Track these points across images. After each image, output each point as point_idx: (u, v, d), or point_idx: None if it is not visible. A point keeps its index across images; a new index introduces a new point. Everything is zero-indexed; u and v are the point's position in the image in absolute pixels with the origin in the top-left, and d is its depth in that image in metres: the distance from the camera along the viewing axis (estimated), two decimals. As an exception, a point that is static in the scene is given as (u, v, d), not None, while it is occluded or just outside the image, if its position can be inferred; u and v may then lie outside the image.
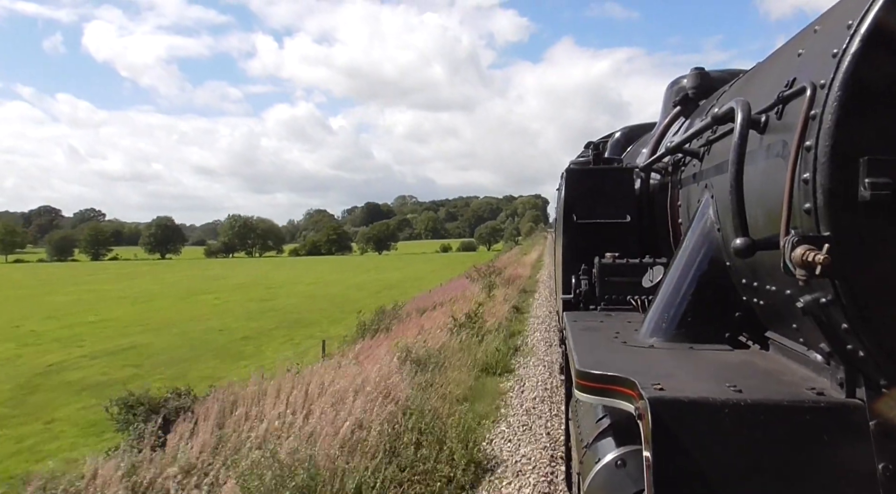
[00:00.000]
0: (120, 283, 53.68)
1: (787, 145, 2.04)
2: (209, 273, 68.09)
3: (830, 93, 1.82)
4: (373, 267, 72.66)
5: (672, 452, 1.92)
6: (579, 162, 5.54)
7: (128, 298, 39.48)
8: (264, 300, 36.67)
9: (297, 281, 51.19)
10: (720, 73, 4.67)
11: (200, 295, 40.87)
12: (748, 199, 2.18)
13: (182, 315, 30.25)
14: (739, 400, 1.95)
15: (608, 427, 2.79)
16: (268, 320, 27.49)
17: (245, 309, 32.30)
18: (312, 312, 30.00)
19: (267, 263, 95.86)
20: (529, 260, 46.94)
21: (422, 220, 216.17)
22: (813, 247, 1.76)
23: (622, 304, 3.99)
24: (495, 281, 25.52)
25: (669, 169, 4.17)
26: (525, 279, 31.22)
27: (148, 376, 16.05)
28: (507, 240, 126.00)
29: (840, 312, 1.88)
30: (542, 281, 30.73)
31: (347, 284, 46.82)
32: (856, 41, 1.79)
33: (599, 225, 4.60)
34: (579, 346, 2.91)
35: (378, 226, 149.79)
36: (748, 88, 2.92)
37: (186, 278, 59.70)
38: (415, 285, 38.87)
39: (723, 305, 2.84)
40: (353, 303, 28.49)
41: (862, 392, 1.95)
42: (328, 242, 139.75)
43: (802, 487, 1.89)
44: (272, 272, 66.85)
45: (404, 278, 50.46)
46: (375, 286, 43.13)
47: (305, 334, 22.95)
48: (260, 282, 51.12)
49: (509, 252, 69.90)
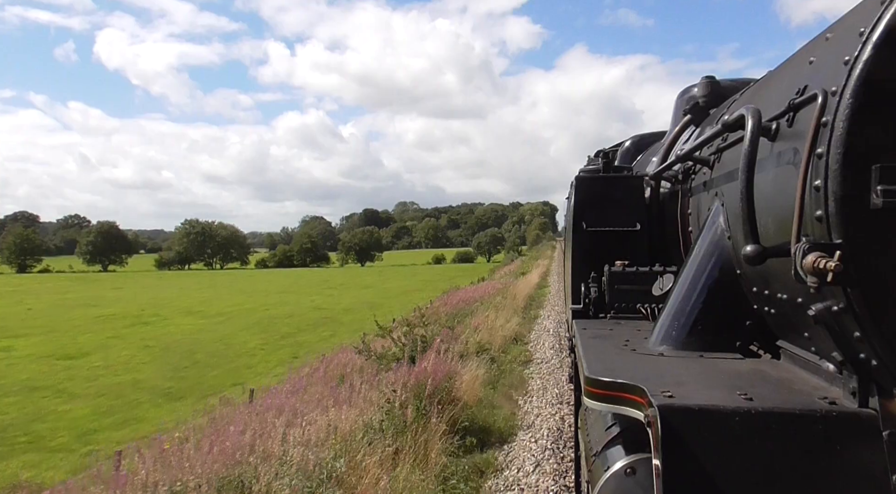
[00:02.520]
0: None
1: (798, 152, 2.04)
2: (92, 293, 52.14)
3: (842, 100, 1.82)
4: (337, 284, 59.92)
5: (682, 460, 1.90)
6: (589, 170, 5.54)
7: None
8: (74, 357, 23.29)
9: (196, 310, 38.44)
10: (731, 82, 4.66)
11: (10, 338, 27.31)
12: (758, 207, 2.17)
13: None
14: (750, 409, 1.93)
15: (618, 434, 2.77)
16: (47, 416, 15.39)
17: (34, 372, 20.43)
18: (154, 378, 19.15)
19: (207, 278, 78.76)
20: (529, 283, 31.87)
21: (421, 228, 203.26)
22: (825, 255, 1.75)
23: (632, 312, 3.98)
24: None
25: (680, 177, 4.17)
26: (508, 339, 15.43)
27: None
28: (509, 250, 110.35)
29: (852, 320, 1.86)
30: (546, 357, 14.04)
31: (265, 314, 34.94)
32: (868, 48, 1.79)
33: (609, 232, 4.59)
34: (589, 354, 2.90)
35: (360, 234, 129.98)
36: (759, 96, 2.92)
37: (51, 303, 44.04)
38: (358, 319, 27.60)
39: (733, 313, 2.83)
40: (217, 366, 20.48)
41: (875, 401, 1.93)
42: (302, 252, 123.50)
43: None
44: (183, 293, 52.00)
45: (356, 303, 38.37)
46: (298, 320, 31.88)
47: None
48: (145, 311, 37.69)
49: (509, 265, 57.52)
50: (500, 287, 28.77)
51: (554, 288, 31.41)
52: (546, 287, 33.96)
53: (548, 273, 43.85)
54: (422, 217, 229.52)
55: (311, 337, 26.38)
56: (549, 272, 44.44)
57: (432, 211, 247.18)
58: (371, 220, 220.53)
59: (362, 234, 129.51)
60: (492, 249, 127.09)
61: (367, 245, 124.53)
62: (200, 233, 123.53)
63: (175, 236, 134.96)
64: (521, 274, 40.17)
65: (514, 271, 44.85)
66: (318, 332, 27.98)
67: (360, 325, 21.71)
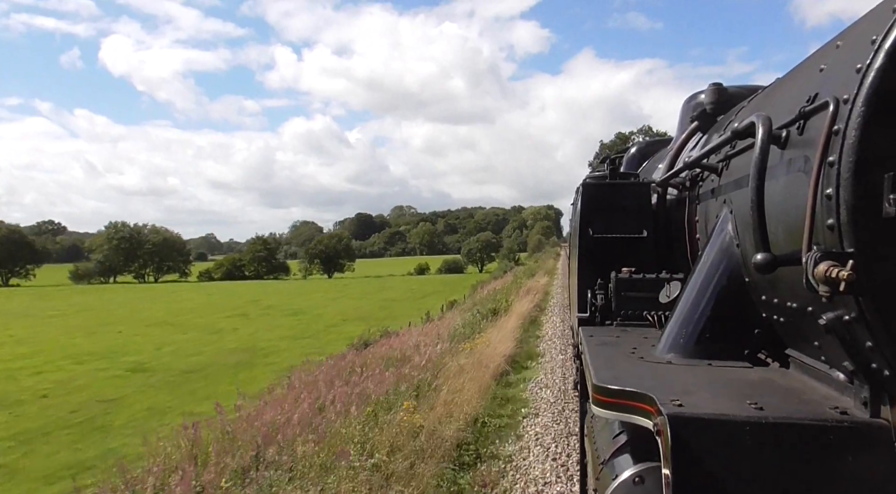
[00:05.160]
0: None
1: (808, 160, 2.03)
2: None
3: (854, 108, 1.81)
4: (264, 306, 45.18)
5: (692, 470, 1.89)
6: (595, 176, 5.53)
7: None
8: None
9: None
10: (738, 89, 4.66)
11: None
12: (769, 215, 2.16)
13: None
14: (761, 418, 1.92)
15: (625, 443, 2.76)
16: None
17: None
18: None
19: (94, 297, 60.46)
20: (517, 314, 19.25)
21: (416, 233, 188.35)
22: (837, 264, 1.74)
23: (638, 320, 3.97)
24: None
25: (687, 184, 4.16)
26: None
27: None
28: (503, 259, 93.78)
29: (864, 330, 1.85)
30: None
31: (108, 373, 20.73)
32: (880, 56, 1.78)
33: (616, 239, 4.58)
34: (596, 361, 2.89)
35: (326, 240, 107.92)
36: (768, 103, 2.91)
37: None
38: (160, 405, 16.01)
39: (742, 322, 2.82)
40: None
41: (887, 411, 1.92)
42: (255, 261, 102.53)
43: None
44: (28, 324, 37.00)
45: (223, 353, 24.45)
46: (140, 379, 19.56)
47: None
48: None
49: (498, 280, 41.63)
50: (458, 334, 15.69)
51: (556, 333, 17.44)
52: (548, 312, 21.65)
53: (547, 296, 28.47)
54: (416, 221, 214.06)
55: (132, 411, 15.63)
56: (553, 289, 30.84)
57: (430, 215, 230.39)
58: (365, 225, 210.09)
59: (328, 240, 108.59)
60: (484, 257, 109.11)
61: (335, 252, 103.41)
62: (126, 238, 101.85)
63: (94, 242, 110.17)
64: (508, 296, 25.05)
65: (506, 288, 31.20)
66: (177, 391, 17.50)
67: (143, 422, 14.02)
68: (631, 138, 59.17)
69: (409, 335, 17.93)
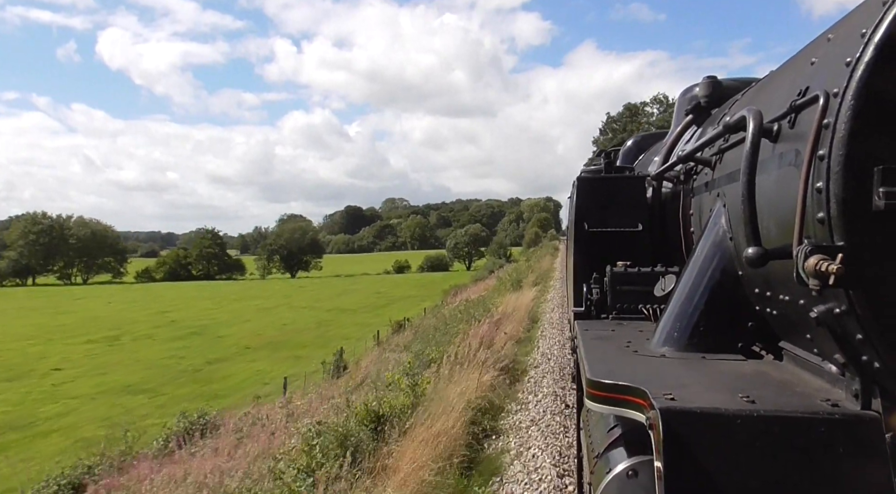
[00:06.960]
0: None
1: (799, 154, 2.04)
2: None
3: (844, 101, 1.81)
4: (165, 323, 36.52)
5: (684, 463, 1.90)
6: (591, 170, 5.53)
7: None
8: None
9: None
10: (733, 82, 4.66)
11: None
12: (760, 208, 2.17)
13: None
14: (752, 411, 1.93)
15: (619, 436, 2.77)
16: None
17: None
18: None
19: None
20: (460, 392, 7.73)
21: (407, 226, 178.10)
22: (826, 257, 1.75)
23: (634, 313, 3.97)
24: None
25: (681, 177, 4.16)
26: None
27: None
28: (491, 254, 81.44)
29: (855, 322, 1.86)
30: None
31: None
32: (870, 49, 1.78)
33: (611, 233, 4.59)
34: (590, 355, 2.90)
35: (287, 234, 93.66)
36: (760, 97, 2.91)
37: None
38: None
39: (735, 315, 2.82)
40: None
41: (878, 403, 1.93)
42: (203, 258, 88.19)
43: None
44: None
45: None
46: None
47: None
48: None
49: (481, 282, 35.25)
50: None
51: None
52: (546, 346, 13.24)
53: (535, 327, 16.80)
54: (407, 215, 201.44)
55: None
56: (538, 326, 16.83)
57: (423, 208, 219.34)
58: (355, 218, 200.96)
59: (290, 234, 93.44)
60: (473, 252, 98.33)
61: (298, 248, 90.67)
62: (46, 232, 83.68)
63: (8, 236, 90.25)
64: (486, 311, 17.01)
65: (487, 299, 22.18)
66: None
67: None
68: (642, 110, 57.48)
69: (224, 438, 9.49)
